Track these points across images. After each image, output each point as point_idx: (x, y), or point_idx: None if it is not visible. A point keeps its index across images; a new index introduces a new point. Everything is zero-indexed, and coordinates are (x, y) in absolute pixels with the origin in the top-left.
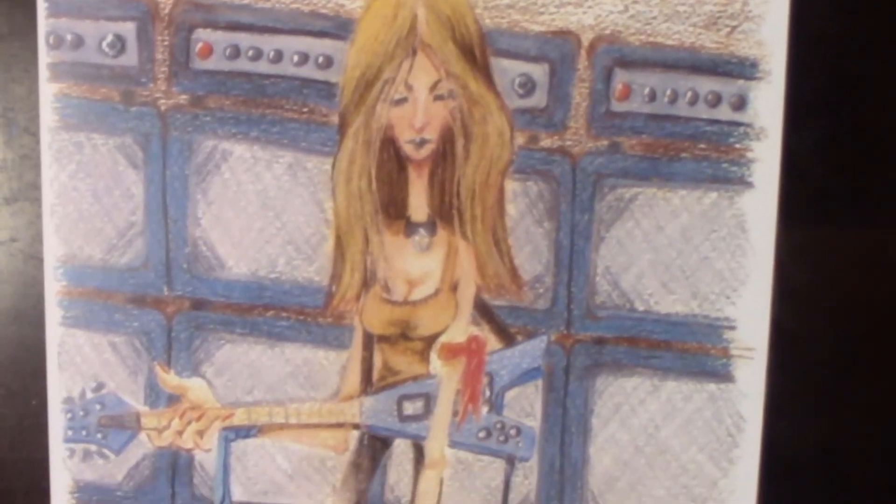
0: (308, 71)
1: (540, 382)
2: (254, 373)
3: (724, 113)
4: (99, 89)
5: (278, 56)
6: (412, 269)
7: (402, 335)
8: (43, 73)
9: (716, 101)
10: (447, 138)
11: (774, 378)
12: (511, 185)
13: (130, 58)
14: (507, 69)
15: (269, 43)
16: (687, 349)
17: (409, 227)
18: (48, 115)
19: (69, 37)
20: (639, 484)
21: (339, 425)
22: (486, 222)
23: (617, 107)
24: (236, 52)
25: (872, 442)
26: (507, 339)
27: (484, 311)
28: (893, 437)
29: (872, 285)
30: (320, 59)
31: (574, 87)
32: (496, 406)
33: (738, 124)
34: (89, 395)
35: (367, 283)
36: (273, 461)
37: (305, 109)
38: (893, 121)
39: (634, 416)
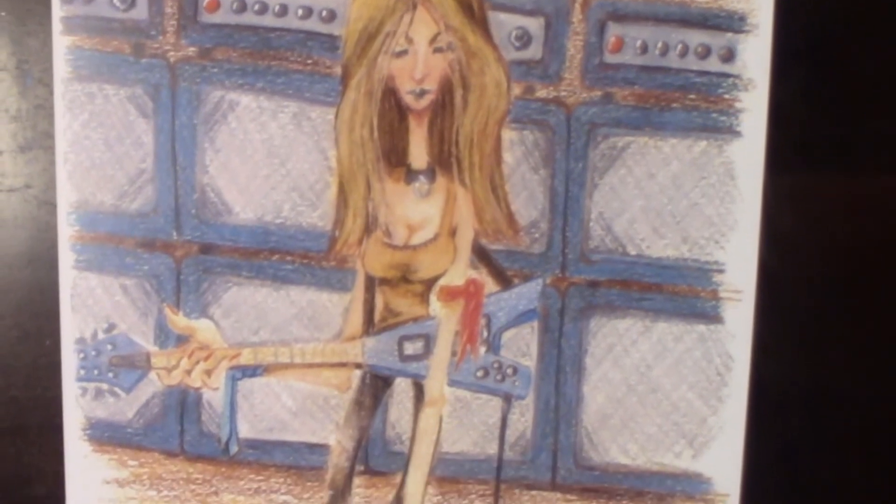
0: (312, 24)
1: (536, 324)
2: (260, 314)
3: (713, 65)
4: (110, 42)
5: (283, 10)
6: (412, 215)
7: (402, 278)
8: (56, 26)
9: (705, 53)
10: (446, 89)
11: (762, 319)
12: (508, 134)
13: (141, 11)
14: (504, 22)
15: None
16: (677, 291)
17: (410, 175)
18: (61, 67)
19: None
20: (631, 421)
21: (342, 365)
22: (483, 170)
23: (610, 59)
24: (243, 6)
25: (856, 380)
26: (504, 281)
27: (482, 255)
28: (876, 376)
29: (855, 229)
30: (324, 13)
31: (569, 40)
32: (493, 346)
33: (727, 75)
34: (101, 335)
35: (368, 228)
36: (278, 399)
37: (309, 61)
38: (875, 72)
39: (627, 356)
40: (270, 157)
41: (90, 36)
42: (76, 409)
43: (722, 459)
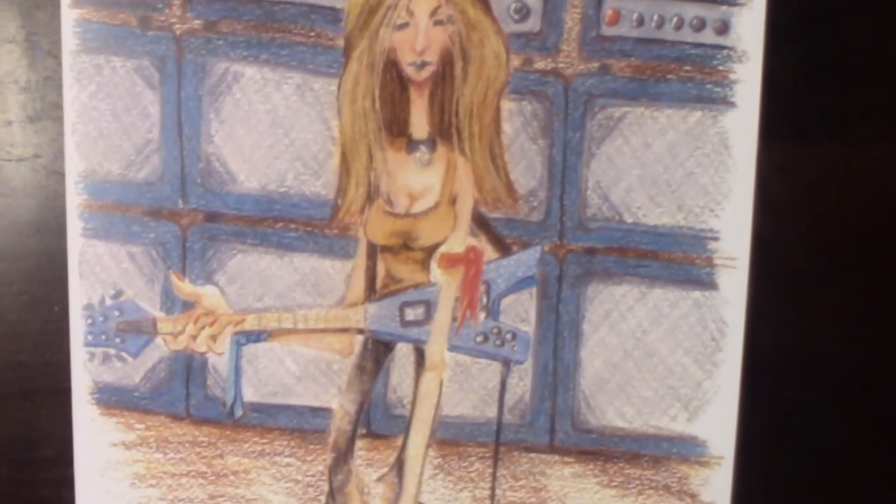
0: None
1: (534, 290)
2: (264, 281)
3: (708, 37)
4: (118, 14)
5: None
6: (413, 184)
7: (403, 245)
8: None
9: (700, 25)
10: (447, 61)
11: (755, 285)
12: (507, 105)
13: None
14: None
15: None
16: (673, 259)
17: (411, 145)
18: (70, 39)
19: None
20: (627, 385)
21: (345, 330)
22: (483, 139)
23: (607, 31)
24: None
25: (847, 344)
26: (504, 249)
27: (481, 223)
28: (867, 340)
29: (846, 198)
30: None
31: (566, 13)
32: (493, 312)
33: (722, 47)
34: (108, 301)
35: (370, 196)
36: (282, 364)
37: (312, 34)
38: (866, 43)
39: (623, 321)
40: (274, 127)
41: (98, 9)
42: (84, 374)
43: (716, 422)
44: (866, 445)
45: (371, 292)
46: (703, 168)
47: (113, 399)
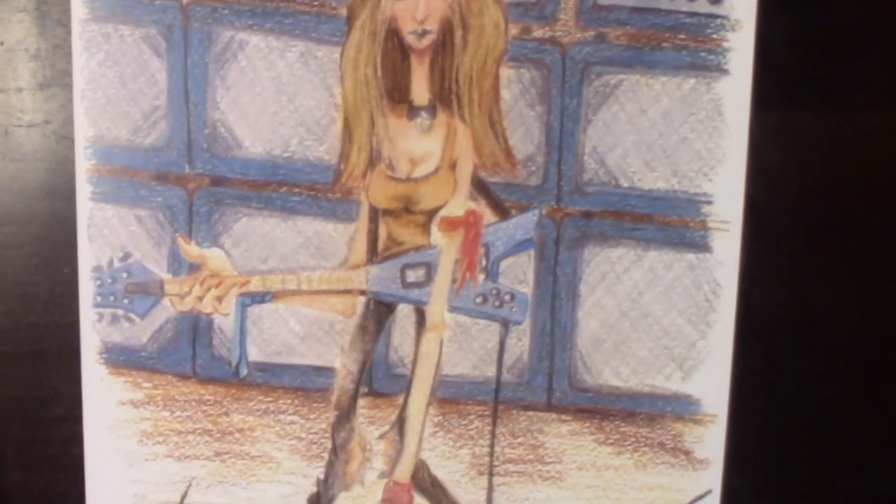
0: None
1: (532, 252)
2: (268, 243)
3: (702, 6)
4: None
5: None
6: (414, 149)
7: (405, 209)
8: None
9: None
10: (447, 29)
11: (748, 248)
12: (506, 72)
13: None
14: None
15: None
16: (668, 222)
17: (412, 111)
18: (79, 8)
19: None
20: (623, 345)
21: (347, 291)
22: (482, 106)
23: (603, 0)
24: None
25: (837, 305)
26: (502, 212)
27: (481, 187)
28: (856, 301)
29: (837, 163)
30: None
31: None
32: (492, 274)
33: (715, 16)
34: (117, 264)
35: (372, 161)
36: (286, 324)
37: (316, 3)
38: (857, 11)
39: (619, 283)
40: (279, 94)
41: None
42: (93, 334)
43: (710, 381)
44: (856, 403)
45: (373, 255)
46: (697, 134)
47: (121, 359)
